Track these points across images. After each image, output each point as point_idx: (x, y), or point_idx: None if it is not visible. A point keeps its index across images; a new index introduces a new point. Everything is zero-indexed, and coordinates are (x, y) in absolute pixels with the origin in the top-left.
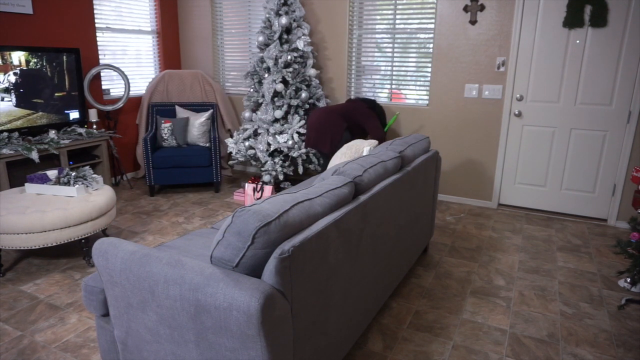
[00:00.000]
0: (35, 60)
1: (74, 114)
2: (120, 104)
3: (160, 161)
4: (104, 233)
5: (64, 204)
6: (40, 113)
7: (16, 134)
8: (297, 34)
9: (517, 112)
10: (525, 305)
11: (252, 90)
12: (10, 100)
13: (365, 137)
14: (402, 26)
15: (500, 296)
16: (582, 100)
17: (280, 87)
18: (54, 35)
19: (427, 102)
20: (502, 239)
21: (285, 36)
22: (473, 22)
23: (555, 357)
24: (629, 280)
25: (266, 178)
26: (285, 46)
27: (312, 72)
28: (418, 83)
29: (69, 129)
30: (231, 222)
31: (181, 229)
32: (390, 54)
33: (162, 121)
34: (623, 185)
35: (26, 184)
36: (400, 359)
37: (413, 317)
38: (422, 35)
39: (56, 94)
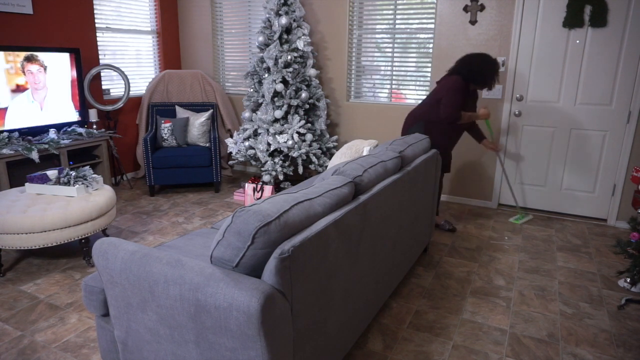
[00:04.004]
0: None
1: (74, 114)
2: (120, 104)
3: (160, 161)
4: (104, 233)
5: (64, 204)
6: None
7: (16, 134)
8: (297, 34)
9: (517, 112)
10: (525, 305)
11: (252, 90)
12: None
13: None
14: (402, 26)
15: (500, 296)
16: (582, 100)
17: (280, 87)
18: (54, 35)
19: None
20: (502, 239)
21: (285, 36)
22: (473, 22)
23: (555, 357)
24: (628, 280)
25: (266, 178)
26: (285, 46)
27: (312, 72)
28: (418, 83)
29: (69, 129)
30: (231, 222)
31: (181, 229)
32: (390, 54)
33: (162, 121)
34: (623, 185)
35: (26, 184)
36: (400, 359)
37: (413, 317)
38: (422, 35)
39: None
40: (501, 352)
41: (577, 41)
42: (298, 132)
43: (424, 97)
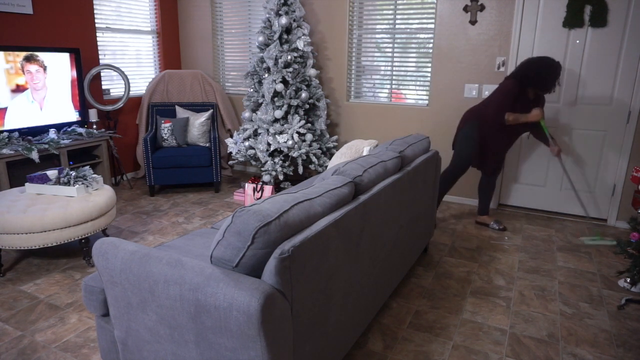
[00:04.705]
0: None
1: (74, 114)
2: (120, 104)
3: (160, 161)
4: (104, 233)
5: (64, 204)
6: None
7: (16, 134)
8: (297, 34)
9: None
10: (525, 305)
11: (252, 90)
12: None
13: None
14: (402, 26)
15: (500, 296)
16: (582, 100)
17: (280, 87)
18: (54, 35)
19: (427, 102)
20: (502, 239)
21: (285, 36)
22: (473, 22)
23: (555, 357)
24: (628, 280)
25: (266, 178)
26: (285, 46)
27: (312, 72)
28: (418, 83)
29: (69, 129)
30: (231, 222)
31: (181, 229)
32: (390, 54)
33: (162, 121)
34: (623, 185)
35: (26, 184)
36: (400, 359)
37: (413, 317)
38: (422, 35)
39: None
40: (501, 352)
41: (577, 41)
42: (298, 132)
43: (424, 97)
